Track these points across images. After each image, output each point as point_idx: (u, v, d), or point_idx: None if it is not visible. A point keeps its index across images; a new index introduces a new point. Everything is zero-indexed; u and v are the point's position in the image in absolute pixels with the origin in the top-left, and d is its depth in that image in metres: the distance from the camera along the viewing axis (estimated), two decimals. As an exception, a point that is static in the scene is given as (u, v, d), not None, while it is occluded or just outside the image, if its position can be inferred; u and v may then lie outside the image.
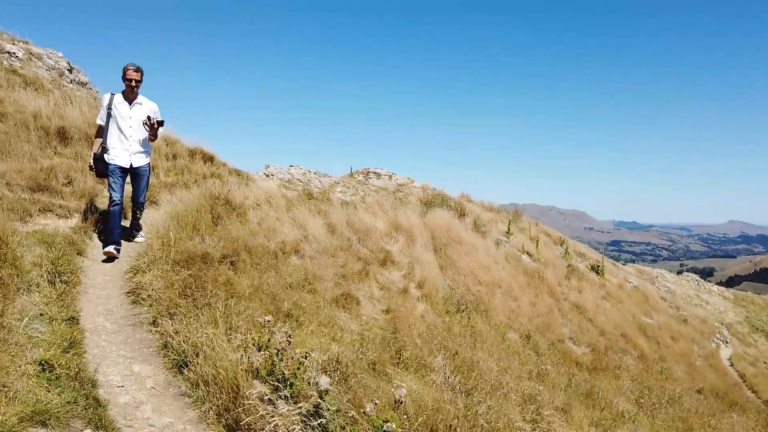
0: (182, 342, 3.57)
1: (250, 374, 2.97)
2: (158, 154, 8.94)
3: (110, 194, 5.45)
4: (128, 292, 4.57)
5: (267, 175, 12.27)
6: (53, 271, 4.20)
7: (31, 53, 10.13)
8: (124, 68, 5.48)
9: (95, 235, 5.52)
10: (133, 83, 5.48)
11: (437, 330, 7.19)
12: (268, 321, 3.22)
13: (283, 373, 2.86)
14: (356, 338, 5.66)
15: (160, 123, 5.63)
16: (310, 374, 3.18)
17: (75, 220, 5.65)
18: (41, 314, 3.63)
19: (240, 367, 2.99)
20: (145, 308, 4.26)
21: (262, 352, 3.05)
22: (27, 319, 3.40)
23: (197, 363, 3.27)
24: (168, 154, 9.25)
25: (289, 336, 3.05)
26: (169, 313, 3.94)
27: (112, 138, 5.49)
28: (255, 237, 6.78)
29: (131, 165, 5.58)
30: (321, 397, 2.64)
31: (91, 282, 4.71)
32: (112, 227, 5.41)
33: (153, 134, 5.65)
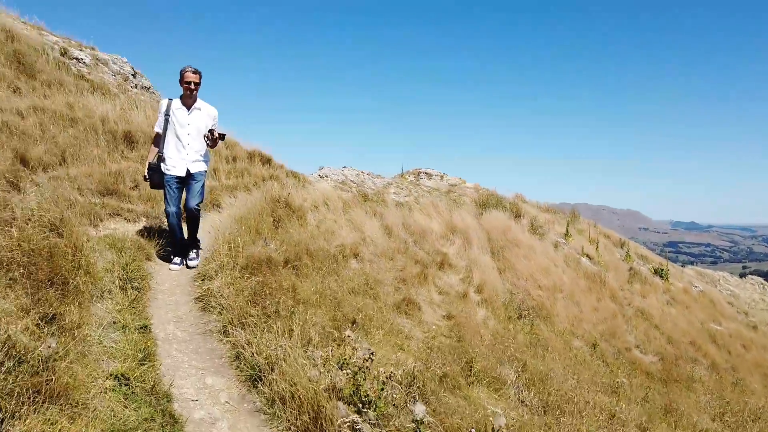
0: (255, 354, 3.42)
1: (333, 394, 2.78)
2: (219, 157, 9.01)
3: (165, 208, 5.09)
4: (197, 299, 4.47)
5: (321, 177, 12.24)
6: (124, 277, 4.16)
7: (97, 59, 10.42)
8: (181, 71, 5.04)
9: (161, 240, 5.50)
10: (192, 86, 5.02)
11: (503, 338, 6.86)
12: (349, 336, 3.02)
13: (368, 395, 2.65)
14: (422, 347, 5.43)
15: (222, 136, 5.19)
16: (390, 394, 2.97)
17: (142, 224, 5.66)
18: (114, 322, 3.57)
19: (320, 386, 2.81)
20: (215, 316, 4.15)
21: (343, 371, 2.85)
22: (102, 329, 3.34)
23: (272, 379, 3.11)
24: (228, 156, 9.32)
25: (372, 353, 2.84)
26: (241, 323, 3.81)
27: (169, 146, 5.10)
28: (315, 240, 6.66)
29: (188, 171, 5.14)
30: (418, 428, 2.42)
31: (159, 288, 4.66)
32: (174, 241, 5.25)
33: (212, 145, 5.23)
